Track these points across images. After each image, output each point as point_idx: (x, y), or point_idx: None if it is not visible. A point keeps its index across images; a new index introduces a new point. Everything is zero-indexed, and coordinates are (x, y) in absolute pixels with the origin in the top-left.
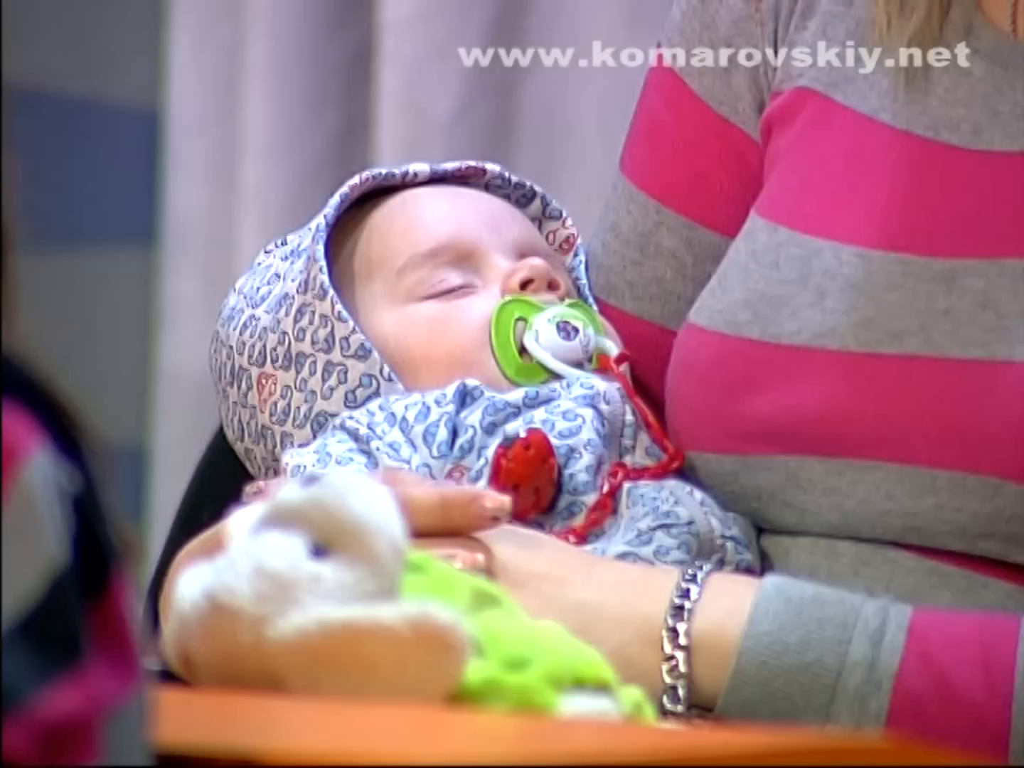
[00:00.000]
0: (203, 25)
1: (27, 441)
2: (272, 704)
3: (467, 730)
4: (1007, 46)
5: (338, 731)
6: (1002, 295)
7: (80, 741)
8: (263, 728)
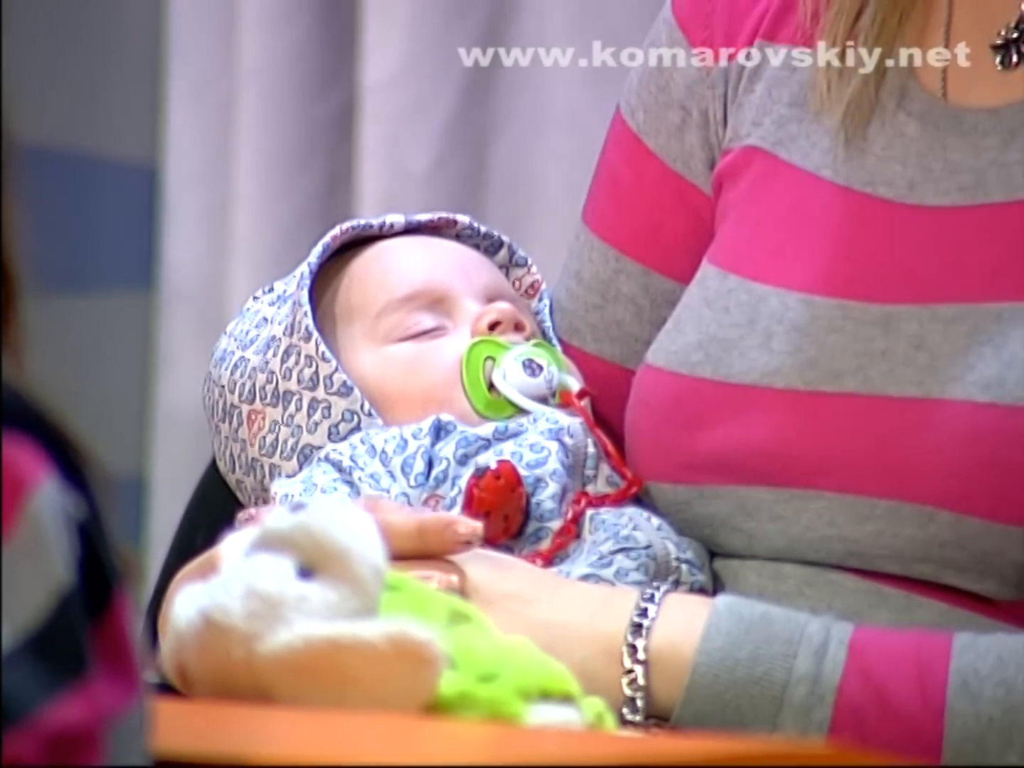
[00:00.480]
0: (198, 86)
1: (36, 472)
2: (261, 714)
3: (441, 737)
4: (938, 108)
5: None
6: (934, 338)
7: (84, 749)
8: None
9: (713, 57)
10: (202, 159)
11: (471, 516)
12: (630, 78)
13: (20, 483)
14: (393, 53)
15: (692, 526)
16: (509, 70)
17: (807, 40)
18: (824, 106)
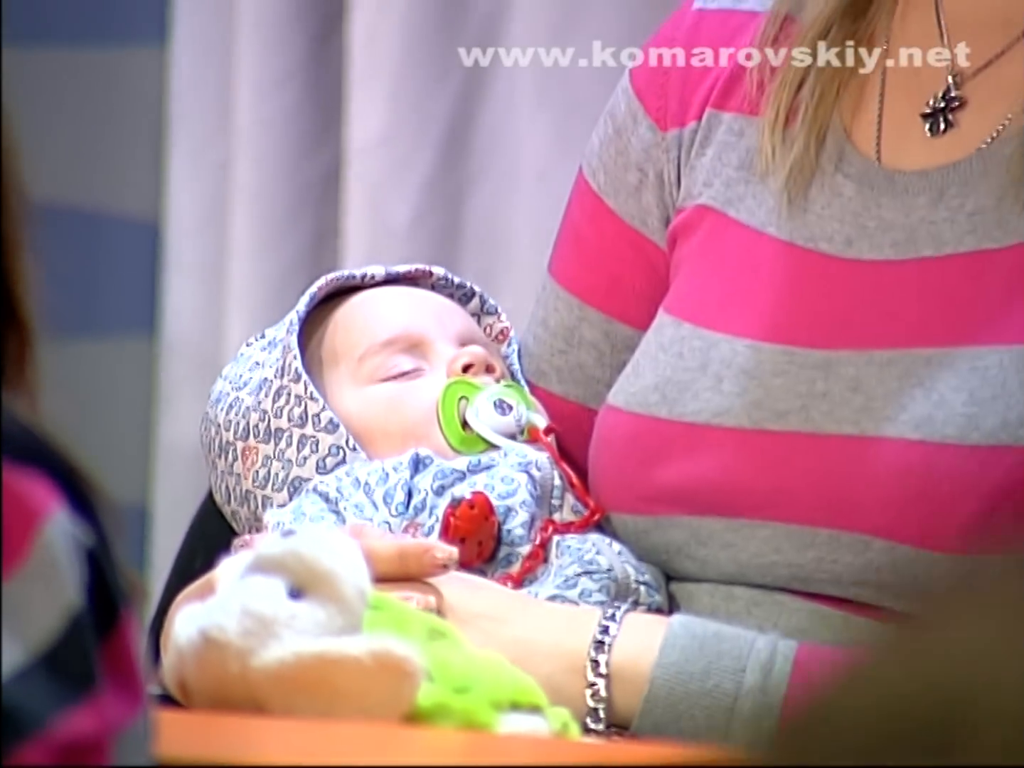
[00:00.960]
0: (196, 147)
1: (49, 502)
2: (256, 723)
3: (420, 743)
4: (872, 170)
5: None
6: (870, 381)
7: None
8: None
9: (667, 124)
10: (200, 215)
11: (447, 542)
12: (591, 142)
13: (33, 513)
14: (375, 119)
15: (650, 552)
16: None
17: (753, 109)
18: (769, 169)
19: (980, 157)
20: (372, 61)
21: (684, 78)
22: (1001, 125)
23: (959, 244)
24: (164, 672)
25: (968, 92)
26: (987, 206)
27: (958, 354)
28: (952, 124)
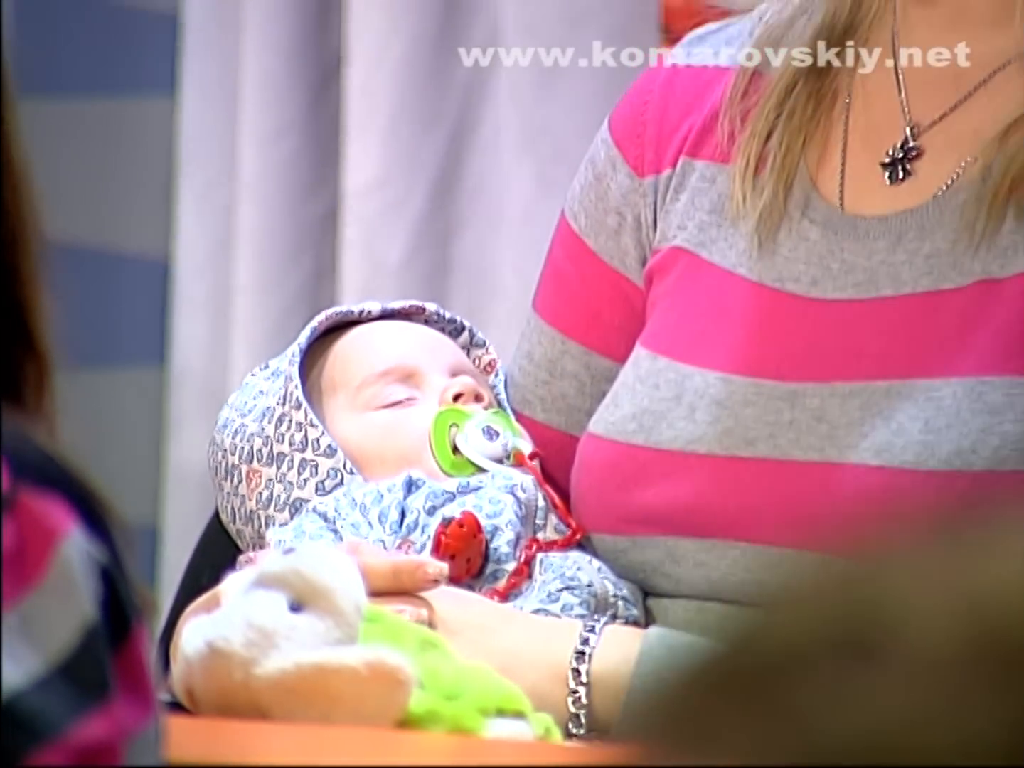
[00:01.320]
0: (203, 191)
1: (66, 523)
2: (258, 728)
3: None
4: (836, 216)
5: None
6: (833, 411)
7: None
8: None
9: (644, 171)
10: (207, 254)
11: (438, 559)
12: (573, 187)
13: (51, 532)
14: (370, 165)
15: (628, 570)
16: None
17: (724, 157)
18: (740, 214)
19: (936, 204)
20: (366, 112)
21: (659, 127)
22: (955, 174)
23: (916, 285)
24: (173, 680)
25: (924, 143)
26: (943, 249)
27: (915, 386)
28: (910, 173)
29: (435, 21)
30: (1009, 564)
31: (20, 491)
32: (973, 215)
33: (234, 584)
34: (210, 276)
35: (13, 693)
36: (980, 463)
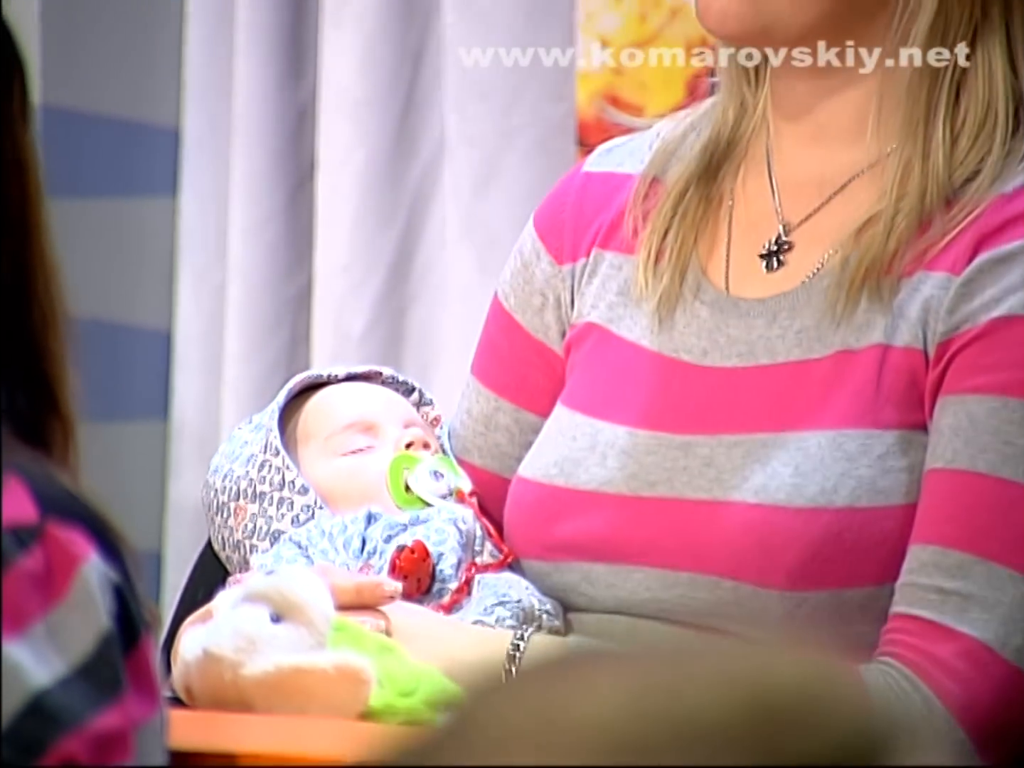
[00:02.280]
0: (199, 273)
1: (85, 549)
2: (245, 719)
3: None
4: (722, 299)
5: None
6: (720, 458)
7: (119, 747)
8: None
9: (563, 260)
10: (202, 326)
11: (394, 579)
12: (504, 271)
13: (73, 557)
14: (338, 252)
15: (551, 589)
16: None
17: (629, 249)
18: (643, 296)
19: (804, 288)
20: (334, 208)
21: (575, 223)
22: (820, 264)
23: (788, 355)
24: (174, 679)
25: (794, 238)
26: (809, 326)
27: (787, 438)
28: (783, 263)
29: (391, 134)
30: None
31: (47, 523)
32: (834, 298)
33: (224, 600)
34: (204, 344)
35: (41, 690)
36: (840, 501)
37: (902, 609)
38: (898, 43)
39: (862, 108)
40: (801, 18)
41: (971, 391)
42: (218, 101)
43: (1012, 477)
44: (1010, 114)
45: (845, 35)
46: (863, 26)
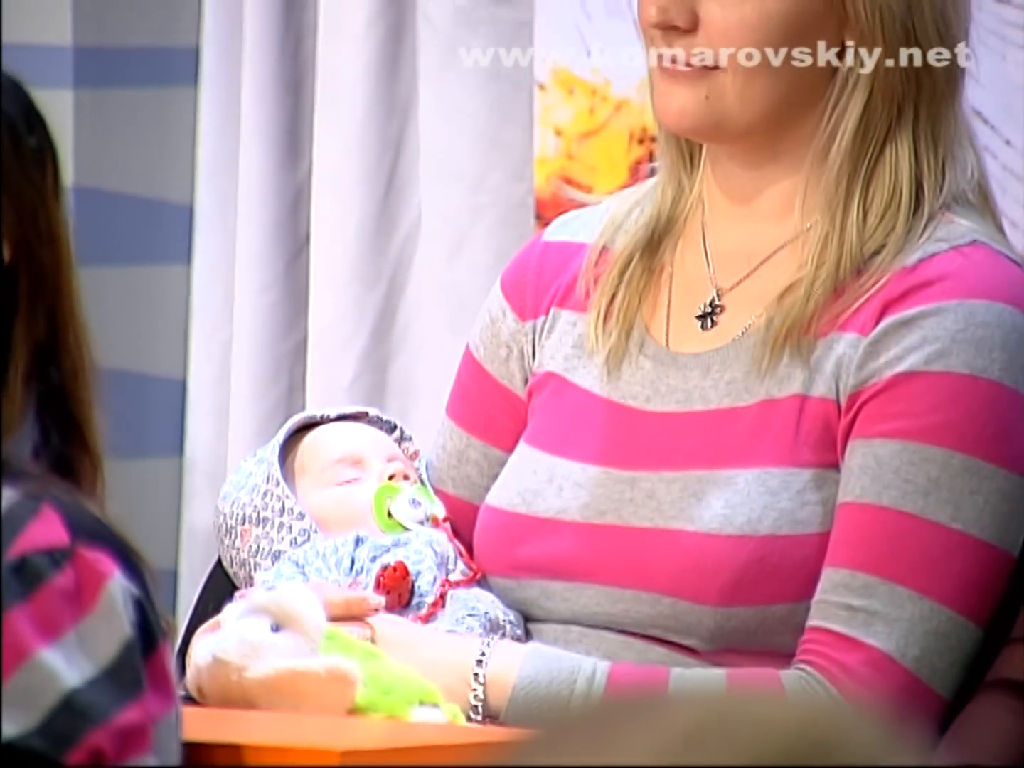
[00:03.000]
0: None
1: (110, 568)
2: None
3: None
4: (663, 353)
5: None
6: (661, 492)
7: (140, 739)
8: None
9: (526, 317)
10: (212, 375)
11: (378, 594)
12: (474, 327)
13: (100, 575)
14: (329, 311)
15: (514, 602)
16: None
17: (583, 308)
18: (594, 350)
19: (734, 345)
20: (326, 274)
21: (536, 287)
22: (748, 324)
23: (720, 402)
24: (187, 681)
25: (726, 302)
26: (738, 378)
27: (719, 475)
28: (716, 323)
29: (375, 211)
30: None
31: (77, 545)
32: (760, 354)
33: (231, 612)
34: (214, 391)
35: (73, 690)
36: (764, 530)
37: (816, 623)
38: (827, 140)
39: (790, 192)
40: (747, 117)
41: (877, 436)
42: (226, 182)
43: (912, 511)
44: (912, 197)
45: (783, 131)
46: (798, 126)
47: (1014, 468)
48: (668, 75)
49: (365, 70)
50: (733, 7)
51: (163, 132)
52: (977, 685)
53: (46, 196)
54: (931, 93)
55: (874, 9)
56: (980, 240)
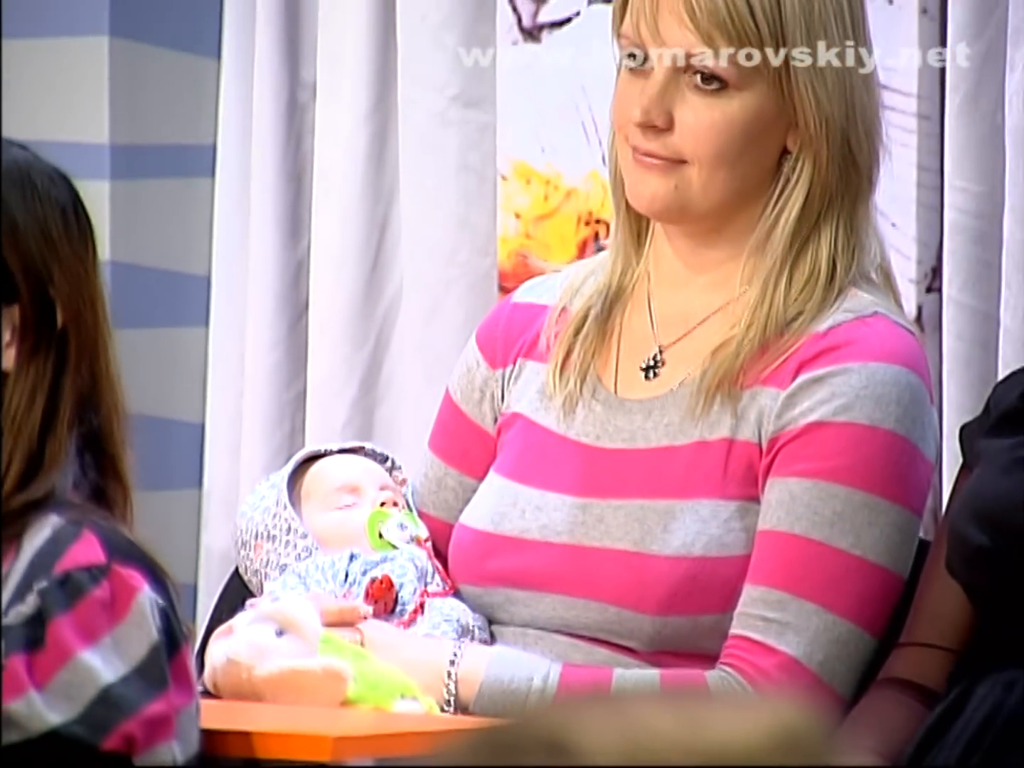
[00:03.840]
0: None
1: (141, 582)
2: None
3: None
4: (612, 399)
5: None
6: (608, 517)
7: (165, 727)
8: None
9: (496, 366)
10: (226, 420)
11: (367, 603)
12: (453, 374)
13: (132, 588)
14: (324, 367)
15: (481, 608)
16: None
17: (544, 359)
18: (554, 394)
19: (672, 394)
20: (321, 336)
21: (505, 340)
22: (685, 376)
23: (659, 442)
24: (205, 678)
25: (667, 357)
26: (675, 421)
27: (659, 504)
28: (657, 375)
29: (363, 282)
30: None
31: (112, 563)
32: (694, 402)
33: (241, 619)
34: (228, 433)
35: (108, 685)
36: (696, 552)
37: (737, 631)
38: (770, 225)
39: (731, 266)
40: (707, 204)
41: (791, 475)
42: (238, 257)
43: (819, 538)
44: (828, 273)
45: (733, 215)
46: (747, 212)
47: (906, 504)
48: (643, 166)
49: (355, 164)
50: (704, 112)
51: (185, 215)
52: None
53: (89, 269)
54: (856, 189)
55: (820, 118)
56: (881, 312)
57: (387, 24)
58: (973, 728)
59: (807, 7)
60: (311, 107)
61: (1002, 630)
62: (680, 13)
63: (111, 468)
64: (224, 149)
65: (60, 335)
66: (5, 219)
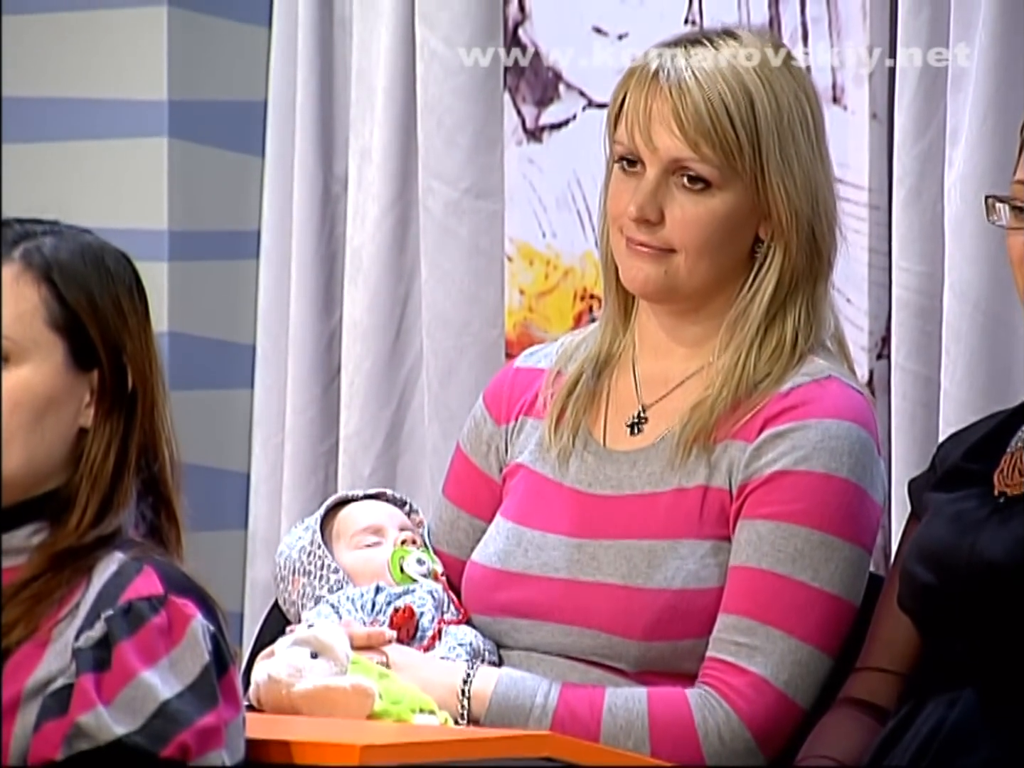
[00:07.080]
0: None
1: (194, 611)
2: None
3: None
4: (602, 451)
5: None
6: (600, 555)
7: (215, 738)
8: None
9: (501, 422)
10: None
11: (391, 630)
12: (463, 430)
13: (187, 616)
14: (352, 423)
15: (490, 634)
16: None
17: (542, 416)
18: (550, 447)
19: (654, 447)
20: (351, 397)
21: (509, 400)
22: (665, 431)
23: (643, 489)
24: (250, 694)
25: (650, 414)
26: (657, 470)
27: (643, 543)
28: (641, 430)
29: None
30: None
31: (169, 595)
32: (674, 453)
33: (281, 643)
34: (269, 481)
35: (166, 701)
36: (676, 585)
37: (713, 654)
38: (747, 304)
39: (709, 337)
40: (691, 287)
41: (758, 517)
42: (278, 328)
43: (783, 572)
44: (791, 343)
45: (714, 295)
46: (726, 292)
47: (858, 542)
48: (636, 254)
49: (380, 247)
50: (691, 209)
51: (233, 292)
52: (830, 700)
53: (150, 338)
54: (818, 271)
55: (791, 211)
56: (834, 375)
57: (408, 126)
58: (921, 738)
59: (778, 117)
60: (343, 198)
61: (945, 656)
62: (670, 123)
63: (166, 510)
64: (267, 235)
65: (130, 396)
66: (85, 297)
